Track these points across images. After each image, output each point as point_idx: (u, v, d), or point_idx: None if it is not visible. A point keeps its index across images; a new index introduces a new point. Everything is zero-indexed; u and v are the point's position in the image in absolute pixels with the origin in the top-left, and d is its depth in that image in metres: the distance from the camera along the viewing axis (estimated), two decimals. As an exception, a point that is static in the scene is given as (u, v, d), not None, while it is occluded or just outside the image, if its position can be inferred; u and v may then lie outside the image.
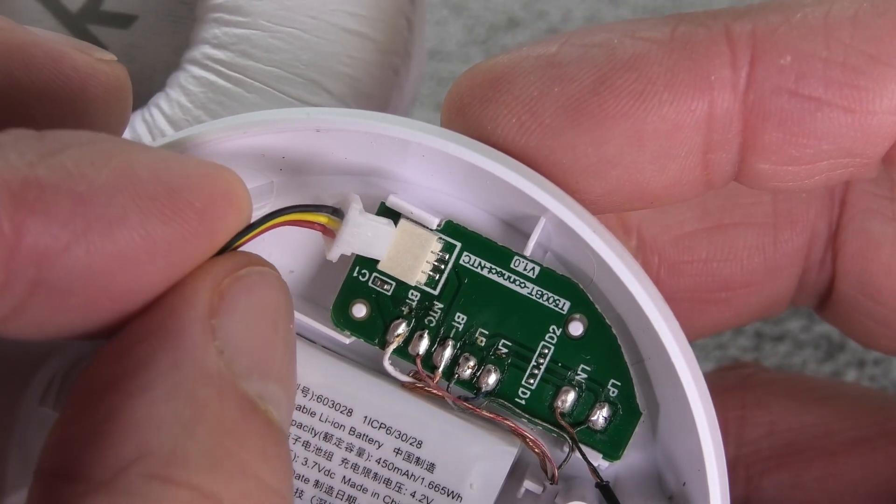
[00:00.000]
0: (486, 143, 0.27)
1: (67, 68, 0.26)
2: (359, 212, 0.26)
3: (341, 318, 0.28)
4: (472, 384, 0.28)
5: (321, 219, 0.26)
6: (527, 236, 0.28)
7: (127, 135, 0.33)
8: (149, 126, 0.33)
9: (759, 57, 0.26)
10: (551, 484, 0.28)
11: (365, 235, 0.27)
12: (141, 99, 0.34)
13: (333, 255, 0.26)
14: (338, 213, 0.26)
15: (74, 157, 0.21)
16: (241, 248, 0.24)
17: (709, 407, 0.26)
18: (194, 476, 0.21)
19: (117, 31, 0.39)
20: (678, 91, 0.26)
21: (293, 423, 0.28)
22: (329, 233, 0.26)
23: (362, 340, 0.28)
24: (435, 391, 0.28)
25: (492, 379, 0.27)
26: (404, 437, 0.28)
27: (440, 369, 0.28)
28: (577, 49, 0.26)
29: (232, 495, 0.21)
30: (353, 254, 0.27)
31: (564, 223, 0.26)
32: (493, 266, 0.28)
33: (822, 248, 0.33)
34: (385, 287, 0.28)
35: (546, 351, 0.27)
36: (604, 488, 0.27)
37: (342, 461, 0.28)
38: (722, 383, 0.36)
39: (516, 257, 0.28)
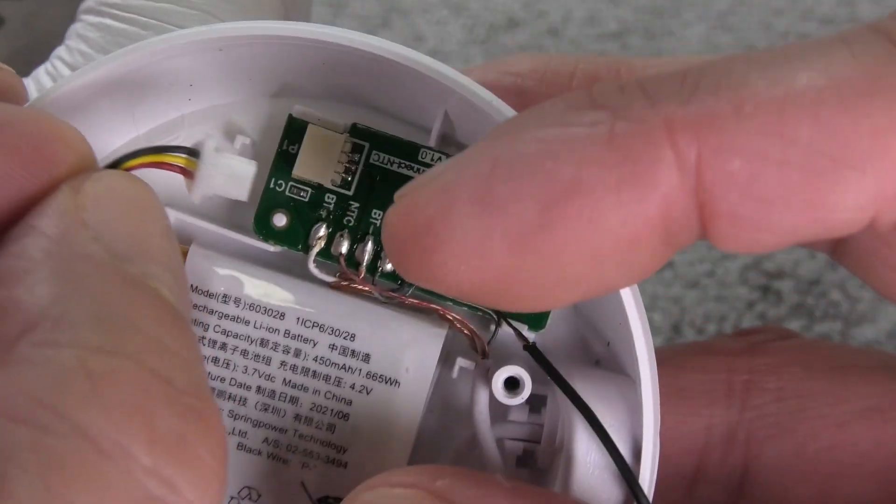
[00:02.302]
0: (438, 284, 0.25)
1: None
2: (214, 150, 0.27)
3: (263, 229, 0.29)
4: (396, 276, 0.29)
5: (178, 160, 0.27)
6: (430, 132, 0.29)
7: (31, 88, 0.33)
8: (53, 77, 0.33)
9: (706, 161, 0.23)
10: (483, 359, 0.29)
11: (223, 174, 0.27)
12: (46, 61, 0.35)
13: (196, 196, 0.27)
14: (194, 153, 0.27)
15: None
16: None
17: None
18: (82, 335, 0.21)
19: (14, 2, 0.40)
20: (629, 207, 0.23)
21: (229, 334, 0.29)
22: (188, 174, 0.27)
23: (287, 248, 0.29)
24: (361, 287, 0.29)
25: (414, 268, 0.29)
26: (337, 333, 0.29)
27: (364, 265, 0.29)
28: (508, 173, 0.23)
29: (126, 348, 0.21)
30: (214, 195, 0.28)
31: (466, 110, 0.27)
32: (402, 161, 0.29)
33: None
34: (301, 194, 0.29)
35: (462, 235, 0.29)
36: (531, 348, 0.28)
37: (281, 364, 0.29)
38: (732, 347, 0.35)
39: (423, 149, 0.29)
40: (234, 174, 0.27)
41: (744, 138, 0.23)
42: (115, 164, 0.26)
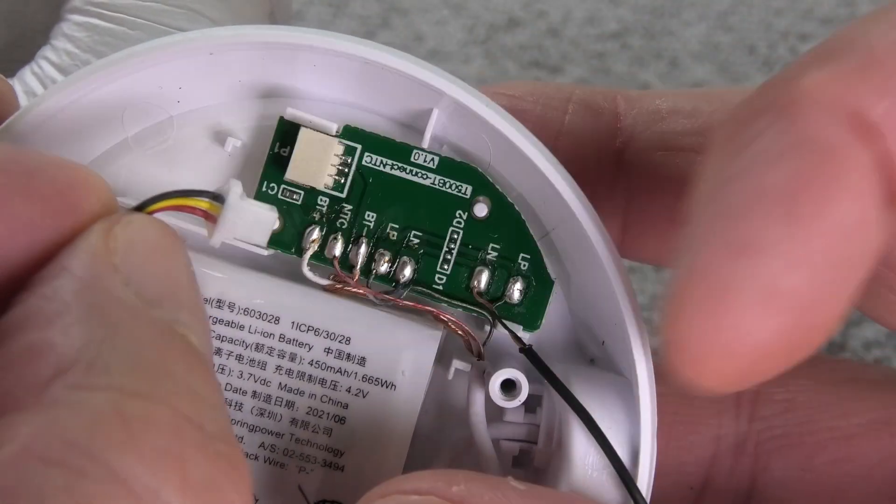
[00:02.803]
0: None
1: None
2: (239, 196, 0.27)
3: (256, 233, 0.29)
4: (390, 278, 0.29)
5: (202, 204, 0.26)
6: (422, 133, 0.29)
7: (17, 88, 0.33)
8: (39, 78, 0.33)
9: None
10: (479, 360, 0.29)
11: (246, 220, 0.27)
12: (29, 60, 0.34)
13: (216, 241, 0.27)
14: (219, 198, 0.26)
15: None
16: None
17: (619, 263, 0.27)
18: (116, 379, 0.20)
19: (-7, -3, 0.39)
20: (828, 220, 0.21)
21: (224, 339, 0.28)
22: (211, 218, 0.27)
23: (280, 251, 0.29)
24: (355, 289, 0.29)
25: (408, 270, 0.29)
26: (332, 336, 0.29)
27: (357, 268, 0.29)
28: None
29: (159, 393, 0.21)
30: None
31: (457, 110, 0.27)
32: (395, 162, 0.29)
33: None
34: (294, 197, 0.29)
35: (455, 236, 0.29)
36: (527, 351, 0.28)
37: (276, 368, 0.29)
38: None
39: (415, 151, 0.29)
40: (258, 220, 0.27)
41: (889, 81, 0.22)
42: (140, 208, 0.25)
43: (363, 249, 0.29)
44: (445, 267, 0.29)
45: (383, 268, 0.29)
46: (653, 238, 0.33)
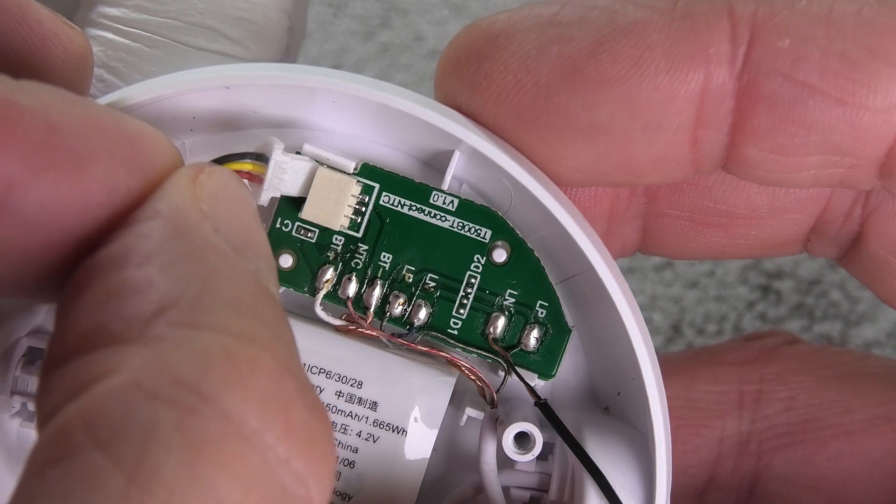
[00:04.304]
0: (480, 100, 0.27)
1: (32, 19, 0.26)
2: (282, 152, 0.27)
3: (269, 270, 0.28)
4: (405, 320, 0.28)
5: (246, 166, 0.26)
6: (443, 172, 0.28)
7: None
8: (50, 90, 0.32)
9: (759, 36, 0.25)
10: (491, 408, 0.29)
11: (291, 175, 0.27)
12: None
13: (264, 199, 0.27)
14: (261, 157, 0.26)
15: (49, 91, 0.21)
16: None
17: (638, 316, 0.27)
18: (222, 320, 0.20)
19: None
20: (675, 61, 0.25)
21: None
22: (255, 179, 0.27)
23: (292, 290, 0.28)
24: (369, 331, 0.28)
25: (423, 313, 0.28)
26: (344, 380, 0.28)
27: (371, 309, 0.28)
28: (578, 11, 0.26)
29: (263, 338, 0.21)
30: (281, 196, 0.27)
31: (478, 153, 0.27)
32: (413, 203, 0.28)
33: (849, 203, 0.31)
34: (309, 235, 0.28)
35: (473, 280, 0.28)
36: (543, 406, 0.27)
37: (286, 409, 0.28)
38: (742, 355, 0.36)
39: (435, 192, 0.28)
40: (301, 172, 0.27)
41: (796, 21, 0.25)
42: None
43: (378, 291, 0.28)
44: (461, 312, 0.28)
45: (398, 310, 0.28)
46: (672, 237, 0.32)
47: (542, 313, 0.28)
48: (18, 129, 0.20)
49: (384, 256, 0.28)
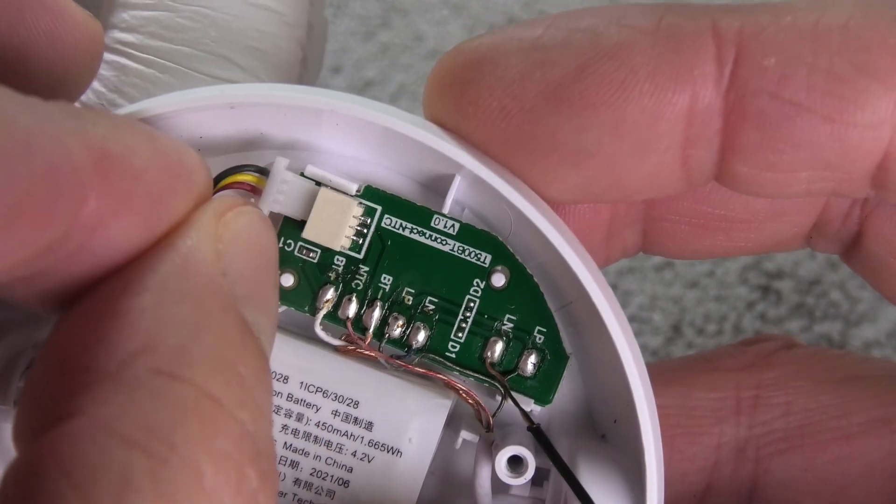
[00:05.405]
0: (467, 126, 0.27)
1: None
2: (285, 167, 0.27)
3: (270, 289, 0.28)
4: (403, 342, 0.28)
5: (248, 178, 0.27)
6: (444, 196, 0.28)
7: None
8: (65, 114, 0.33)
9: (744, 55, 0.25)
10: (487, 432, 0.29)
11: (292, 193, 0.27)
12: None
13: (264, 212, 0.27)
14: (263, 171, 0.27)
15: (130, 132, 0.22)
16: None
17: (633, 345, 0.27)
18: (199, 376, 0.21)
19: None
20: (660, 83, 0.25)
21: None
22: (257, 191, 0.27)
23: (293, 309, 0.28)
24: (367, 352, 0.28)
25: (421, 336, 0.28)
26: (341, 399, 0.28)
27: (371, 330, 0.28)
28: (561, 33, 0.26)
29: (231, 402, 0.21)
30: (280, 213, 0.28)
31: (479, 178, 0.27)
32: (414, 226, 0.28)
33: (847, 204, 0.31)
34: (310, 255, 0.28)
35: (472, 304, 0.28)
36: (535, 431, 0.27)
37: (282, 427, 0.28)
38: (739, 361, 0.36)
39: (436, 216, 0.28)
40: (301, 192, 0.28)
41: (782, 37, 0.25)
42: None
43: (377, 312, 0.28)
44: (459, 335, 0.28)
45: (396, 332, 0.28)
46: (673, 240, 0.33)
47: (540, 339, 0.28)
48: (109, 178, 0.21)
49: (384, 278, 0.28)
